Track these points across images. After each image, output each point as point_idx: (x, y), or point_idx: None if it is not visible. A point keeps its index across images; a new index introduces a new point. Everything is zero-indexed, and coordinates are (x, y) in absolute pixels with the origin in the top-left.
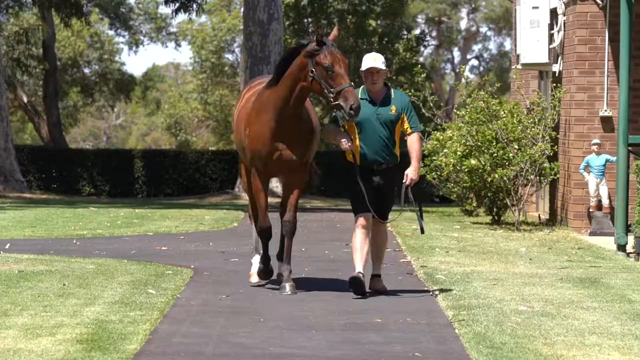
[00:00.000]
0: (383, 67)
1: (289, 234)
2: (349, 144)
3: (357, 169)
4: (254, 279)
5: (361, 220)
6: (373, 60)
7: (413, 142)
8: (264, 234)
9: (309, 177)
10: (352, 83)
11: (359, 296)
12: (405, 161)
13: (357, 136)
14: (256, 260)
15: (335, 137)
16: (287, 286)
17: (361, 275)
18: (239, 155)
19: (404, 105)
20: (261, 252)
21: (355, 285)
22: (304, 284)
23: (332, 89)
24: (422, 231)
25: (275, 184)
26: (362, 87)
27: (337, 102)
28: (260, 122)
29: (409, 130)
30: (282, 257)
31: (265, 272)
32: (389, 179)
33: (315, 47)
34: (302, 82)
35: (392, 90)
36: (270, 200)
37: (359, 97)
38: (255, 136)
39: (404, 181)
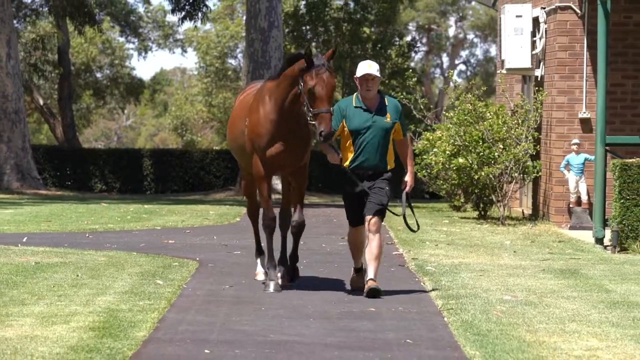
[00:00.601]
0: (378, 74)
1: (296, 236)
2: (338, 157)
3: (348, 173)
4: (260, 277)
5: (355, 230)
6: (368, 67)
7: (404, 146)
8: (268, 226)
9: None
10: (331, 109)
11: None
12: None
13: (351, 144)
14: (260, 262)
15: (326, 149)
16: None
17: (361, 273)
18: (237, 161)
19: (398, 114)
20: (264, 256)
21: (355, 287)
22: (302, 277)
23: (311, 109)
24: (413, 230)
25: (276, 181)
26: (355, 94)
27: (313, 123)
28: (261, 111)
29: (400, 136)
30: (283, 262)
31: (277, 274)
32: (377, 180)
33: (304, 66)
34: (295, 88)
35: (385, 98)
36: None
37: (353, 105)
38: (256, 123)
39: (402, 187)
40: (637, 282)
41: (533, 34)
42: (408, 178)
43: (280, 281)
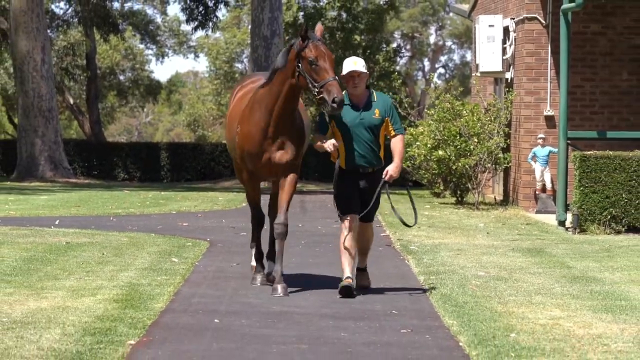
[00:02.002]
0: (364, 70)
1: (279, 237)
2: (334, 144)
3: (342, 171)
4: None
5: (348, 222)
6: (353, 64)
7: (397, 142)
8: (257, 224)
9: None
10: (337, 77)
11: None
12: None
13: (341, 141)
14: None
15: (321, 144)
16: (279, 288)
17: (350, 280)
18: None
19: (387, 109)
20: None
21: (345, 294)
22: (301, 256)
23: (316, 83)
24: (407, 225)
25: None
26: (343, 92)
27: (321, 96)
28: (252, 120)
29: (393, 133)
30: (272, 257)
31: (258, 268)
32: (374, 183)
33: (301, 43)
34: (291, 79)
35: (374, 93)
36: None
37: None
38: (246, 134)
39: (382, 176)
40: (595, 260)
41: (504, 41)
42: (391, 167)
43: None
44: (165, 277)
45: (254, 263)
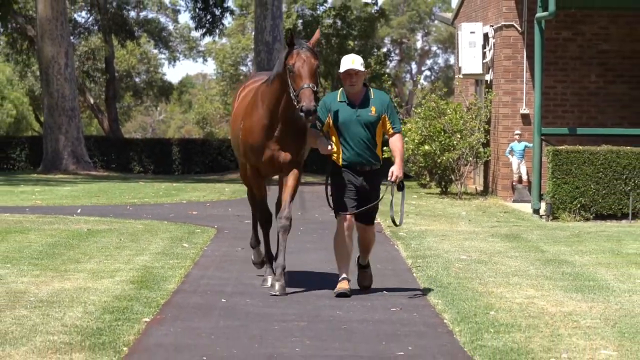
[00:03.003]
0: (362, 68)
1: (283, 230)
2: (329, 147)
3: (337, 169)
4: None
5: (343, 221)
6: (351, 62)
7: (396, 141)
8: (265, 221)
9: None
10: (313, 84)
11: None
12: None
13: (337, 139)
14: (257, 253)
15: (315, 141)
16: (277, 285)
17: (346, 283)
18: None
19: (384, 106)
20: (259, 244)
21: (342, 297)
22: (299, 242)
23: (294, 91)
24: (395, 223)
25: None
26: (340, 89)
27: (299, 105)
28: (255, 116)
29: (391, 131)
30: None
31: (268, 271)
32: (372, 181)
33: (287, 50)
34: (287, 87)
35: (371, 90)
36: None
37: (338, 99)
38: (249, 129)
39: (389, 178)
40: (566, 244)
41: (483, 47)
42: (395, 168)
43: (280, 282)
44: (177, 261)
45: (254, 258)
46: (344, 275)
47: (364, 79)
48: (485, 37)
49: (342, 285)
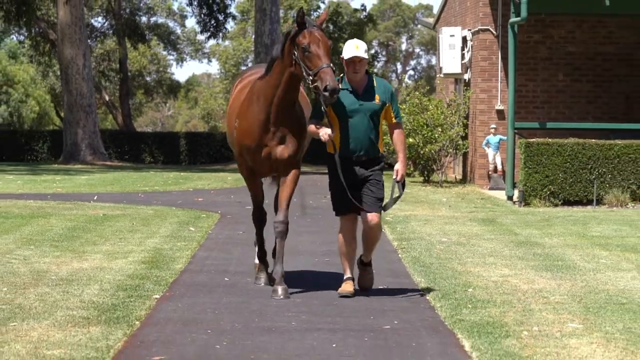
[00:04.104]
0: (365, 55)
1: (280, 235)
2: (329, 134)
3: (338, 163)
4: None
5: (344, 223)
6: (355, 48)
7: (398, 134)
8: (258, 220)
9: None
10: (331, 64)
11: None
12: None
13: (338, 127)
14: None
15: (315, 130)
16: (280, 289)
17: (351, 283)
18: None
19: (387, 95)
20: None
21: (344, 297)
22: (294, 225)
23: (310, 71)
24: (384, 208)
25: None
26: (341, 75)
27: (315, 84)
28: (250, 114)
29: (393, 121)
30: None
31: (262, 267)
32: (371, 167)
33: (297, 29)
34: (289, 68)
35: (374, 78)
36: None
37: (340, 87)
38: (245, 129)
39: (394, 177)
40: (537, 228)
41: (462, 49)
42: (400, 166)
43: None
44: (184, 243)
45: (257, 261)
46: (348, 275)
47: (366, 66)
48: (464, 40)
49: (347, 288)
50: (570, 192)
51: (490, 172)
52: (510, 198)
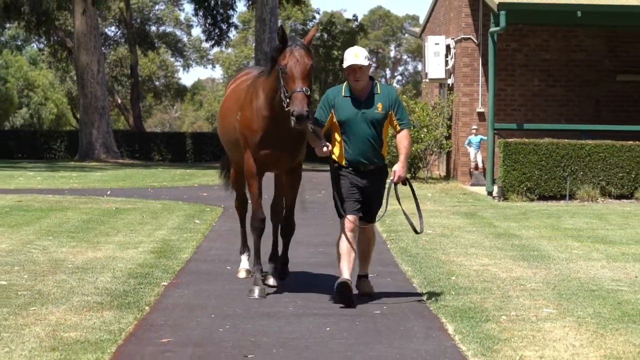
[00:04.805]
0: (366, 62)
1: (286, 236)
2: (326, 149)
3: (340, 169)
4: (242, 274)
5: (347, 223)
6: (354, 56)
7: (403, 138)
8: (257, 228)
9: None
10: (306, 88)
11: (345, 305)
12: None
13: (340, 136)
14: (244, 258)
15: (313, 141)
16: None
17: (349, 282)
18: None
19: (391, 101)
20: (249, 252)
21: (342, 292)
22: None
23: (286, 93)
24: (416, 231)
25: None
26: (345, 83)
27: (288, 108)
28: (254, 106)
29: (398, 127)
30: (273, 258)
31: (257, 281)
32: (376, 180)
33: (279, 46)
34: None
35: (377, 85)
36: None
37: (342, 94)
38: (249, 119)
39: (391, 178)
40: (515, 221)
41: (446, 56)
42: (398, 167)
43: (270, 281)
44: (190, 235)
45: (246, 266)
46: (346, 277)
47: (369, 73)
48: (448, 48)
49: (345, 280)
50: (545, 188)
51: (471, 170)
52: (490, 193)
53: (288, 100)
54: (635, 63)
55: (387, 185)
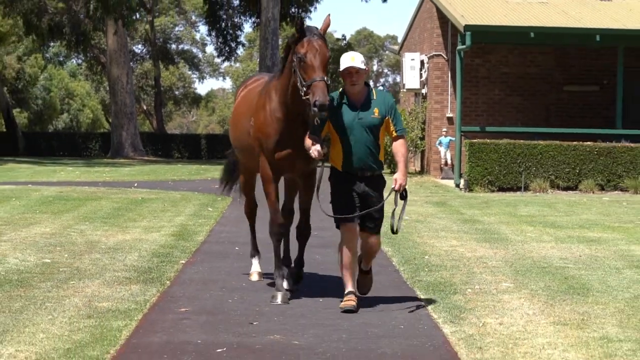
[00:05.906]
0: (363, 66)
1: (303, 239)
2: (318, 151)
3: (338, 174)
4: (254, 277)
5: (346, 233)
6: (351, 59)
7: (399, 146)
8: (277, 233)
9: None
10: (326, 77)
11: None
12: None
13: (337, 142)
14: (255, 261)
15: (308, 145)
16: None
17: (353, 298)
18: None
19: (388, 107)
20: (259, 255)
21: (348, 312)
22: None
23: (304, 82)
24: (394, 231)
25: None
26: (341, 89)
27: (307, 97)
28: (268, 110)
29: (394, 134)
30: (284, 262)
31: (287, 287)
32: (376, 186)
33: (297, 36)
34: (294, 77)
35: (373, 91)
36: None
37: (338, 101)
38: (262, 123)
39: (392, 186)
40: (478, 209)
41: (420, 69)
42: (399, 175)
43: (284, 285)
44: (204, 220)
45: (257, 269)
46: (350, 290)
47: (365, 78)
48: (422, 62)
49: (349, 303)
50: (504, 181)
51: (442, 166)
52: (457, 185)
53: (305, 89)
54: (580, 75)
55: (387, 194)
